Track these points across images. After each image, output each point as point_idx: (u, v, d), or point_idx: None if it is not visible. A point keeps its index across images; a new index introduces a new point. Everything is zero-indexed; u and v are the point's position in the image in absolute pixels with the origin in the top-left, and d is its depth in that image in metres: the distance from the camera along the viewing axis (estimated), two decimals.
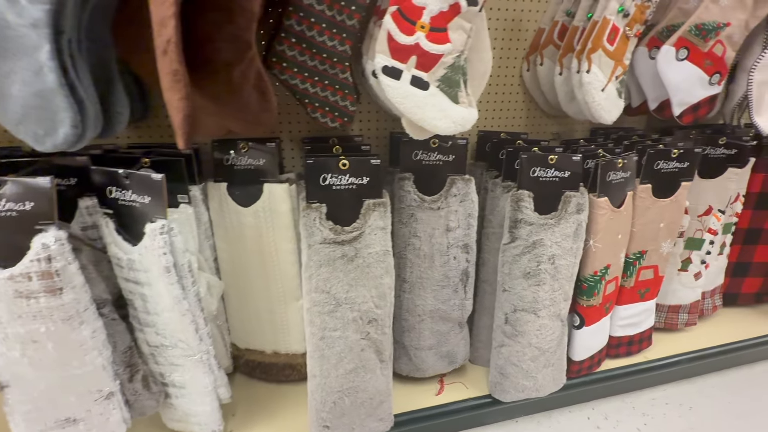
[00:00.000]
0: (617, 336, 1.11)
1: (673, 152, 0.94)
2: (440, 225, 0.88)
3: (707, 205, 1.11)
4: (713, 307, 1.31)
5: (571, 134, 1.19)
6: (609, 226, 0.93)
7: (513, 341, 0.94)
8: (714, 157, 1.08)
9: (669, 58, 0.90)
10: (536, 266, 0.89)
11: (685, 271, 1.18)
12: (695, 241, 1.15)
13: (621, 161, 0.91)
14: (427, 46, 0.65)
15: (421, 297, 0.93)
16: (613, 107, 0.88)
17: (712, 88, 0.94)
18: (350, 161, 0.74)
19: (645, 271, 1.06)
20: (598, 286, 0.98)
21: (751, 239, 1.29)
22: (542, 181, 0.86)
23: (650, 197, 0.99)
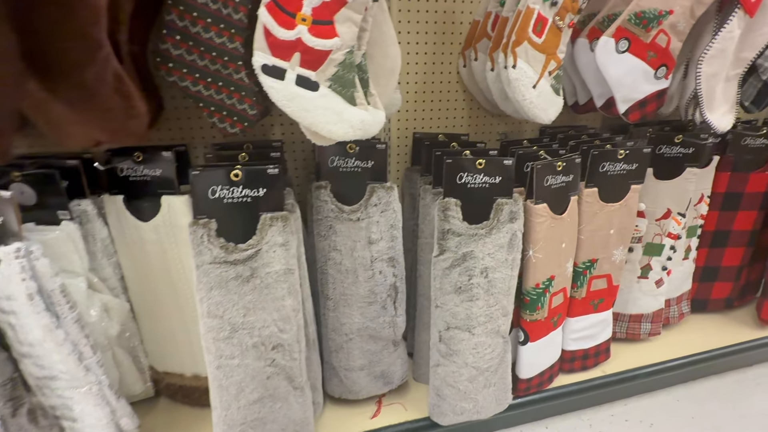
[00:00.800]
0: (570, 350, 1.04)
1: (620, 153, 0.87)
2: (361, 237, 0.81)
3: (665, 208, 1.04)
4: (680, 314, 1.23)
5: (520, 134, 1.12)
6: (550, 235, 0.86)
7: (448, 361, 0.87)
8: (670, 156, 1.00)
9: (608, 51, 0.83)
10: (468, 280, 0.81)
11: (645, 279, 1.11)
12: (654, 246, 1.07)
13: (560, 164, 0.84)
14: (310, 41, 0.58)
15: (347, 315, 0.86)
16: (549, 105, 0.81)
17: (659, 83, 0.86)
18: (244, 171, 0.67)
19: (597, 280, 0.99)
20: (542, 299, 0.91)
21: (719, 242, 1.22)
22: (471, 188, 0.79)
23: (597, 202, 0.91)
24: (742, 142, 1.12)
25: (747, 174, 1.14)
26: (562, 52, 0.78)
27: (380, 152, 0.77)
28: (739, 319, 1.29)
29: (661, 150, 0.99)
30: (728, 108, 0.88)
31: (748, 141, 1.12)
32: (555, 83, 0.79)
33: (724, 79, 0.86)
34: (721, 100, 0.86)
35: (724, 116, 0.87)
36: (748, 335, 1.23)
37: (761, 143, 1.11)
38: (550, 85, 0.79)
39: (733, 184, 1.15)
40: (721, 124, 0.86)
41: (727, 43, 0.81)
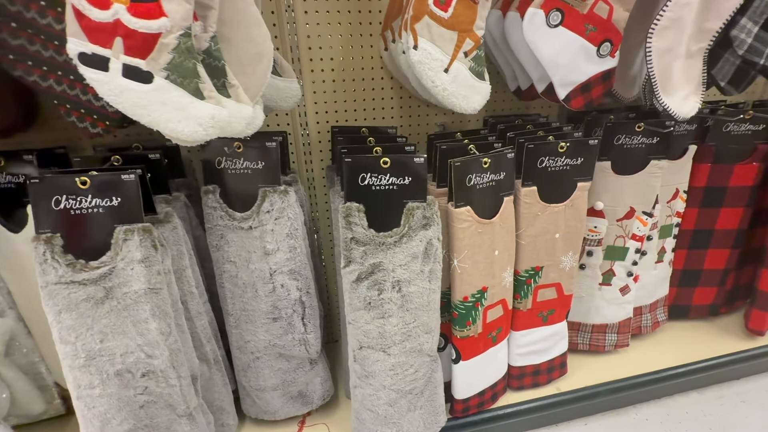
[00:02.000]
0: (519, 366, 0.93)
1: (561, 146, 0.75)
2: (256, 248, 0.72)
3: (628, 207, 0.91)
4: (654, 323, 1.11)
5: (462, 125, 1.00)
6: (477, 242, 0.75)
7: (364, 383, 0.78)
8: (631, 148, 0.87)
9: (537, 25, 0.70)
10: (378, 295, 0.72)
11: (608, 286, 0.98)
12: (617, 249, 0.95)
13: (486, 160, 0.73)
14: (131, 22, 0.48)
15: (251, 332, 0.78)
16: (470, 92, 0.69)
17: (603, 61, 0.73)
18: (94, 178, 0.59)
19: (544, 290, 0.88)
20: (473, 313, 0.80)
21: (700, 243, 1.08)
22: (377, 191, 0.69)
23: (537, 202, 0.80)
24: (724, 129, 0.97)
25: (731, 165, 1.00)
26: (480, 28, 0.66)
27: (270, 151, 0.67)
28: (725, 327, 1.16)
29: (619, 141, 0.86)
30: (691, 90, 0.74)
31: (731, 128, 0.97)
32: (475, 66, 0.68)
33: (684, 56, 0.72)
34: (680, 81, 0.73)
35: (686, 100, 0.73)
36: (734, 346, 1.09)
37: (746, 130, 0.97)
38: (469, 68, 0.67)
39: (714, 177, 1.01)
40: (683, 109, 0.73)
41: (681, 11, 0.67)
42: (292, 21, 0.79)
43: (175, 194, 0.72)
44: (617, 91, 0.87)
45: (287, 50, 0.81)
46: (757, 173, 0.99)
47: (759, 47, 0.75)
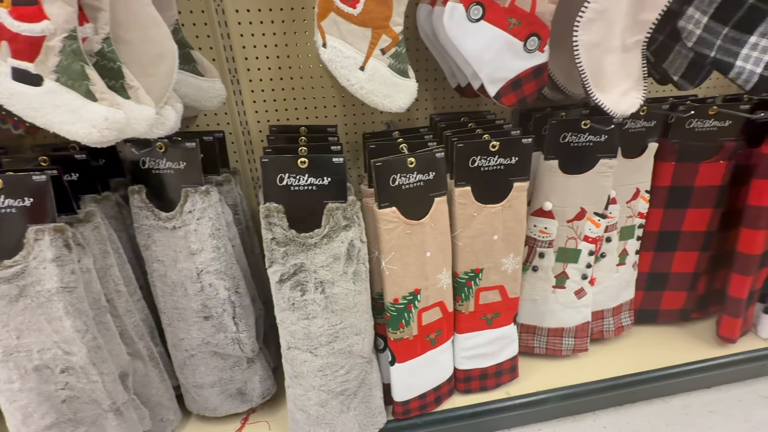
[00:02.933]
0: (464, 369, 0.91)
1: (492, 145, 0.72)
2: (182, 247, 0.72)
3: (578, 208, 0.87)
4: (617, 327, 1.06)
5: (410, 122, 0.98)
6: (406, 243, 0.74)
7: (295, 383, 0.78)
8: (579, 146, 0.83)
9: (458, 20, 0.66)
10: (301, 296, 0.71)
11: (562, 288, 0.95)
12: (568, 252, 0.91)
13: (412, 160, 0.71)
14: (14, 26, 0.49)
15: (184, 330, 0.79)
16: (392, 90, 0.67)
17: (531, 57, 0.69)
18: (5, 179, 0.60)
19: (486, 293, 0.85)
20: (406, 315, 0.79)
21: (666, 245, 1.03)
22: (295, 191, 0.68)
23: (472, 203, 0.77)
24: (688, 125, 0.92)
25: (696, 164, 0.94)
26: (397, 24, 0.64)
27: (191, 152, 0.68)
28: (696, 333, 1.10)
29: (566, 139, 0.82)
30: (630, 85, 0.70)
31: (695, 124, 0.92)
32: (396, 63, 0.66)
33: (619, 49, 0.68)
34: (616, 76, 0.68)
35: (624, 96, 0.69)
36: (704, 353, 1.04)
37: (711, 126, 0.91)
38: (388, 66, 0.65)
39: (679, 176, 0.96)
40: (620, 106, 0.69)
41: (608, 2, 0.62)
42: (224, 21, 0.79)
43: (105, 194, 0.73)
44: (566, 88, 0.83)
45: (220, 50, 0.81)
46: (724, 172, 0.93)
47: (709, 39, 0.71)
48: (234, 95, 0.85)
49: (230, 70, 0.82)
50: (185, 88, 0.69)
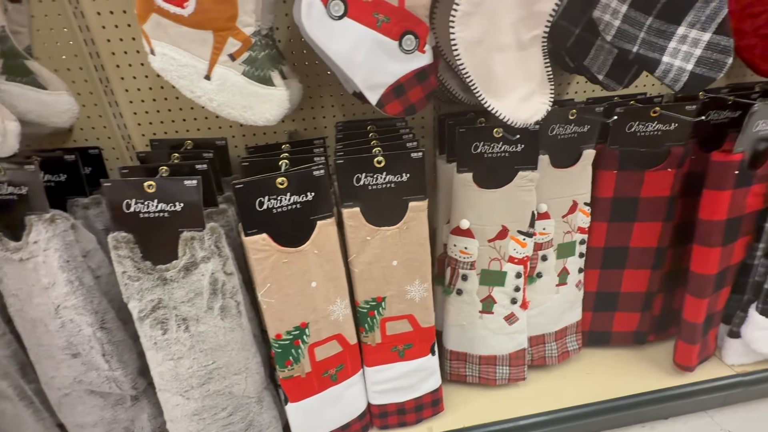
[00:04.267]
0: (378, 404, 0.82)
1: (377, 161, 0.63)
2: (34, 281, 0.64)
3: (499, 226, 0.77)
4: (561, 353, 0.96)
5: (318, 131, 0.88)
6: (284, 273, 0.65)
7: (172, 428, 0.70)
8: (493, 157, 0.73)
9: (318, 17, 0.56)
10: (162, 335, 0.64)
11: (490, 313, 0.85)
12: (492, 274, 0.82)
13: (283, 180, 0.62)
14: None
15: (53, 367, 0.71)
16: (251, 101, 0.57)
17: (411, 58, 0.59)
18: None
19: (393, 323, 0.76)
20: (294, 351, 0.70)
21: (613, 262, 0.92)
22: (145, 219, 0.60)
23: (364, 225, 0.68)
24: (628, 129, 0.81)
25: (641, 173, 0.83)
26: (248, 25, 0.55)
27: (31, 175, 0.60)
28: (652, 358, 0.99)
29: (477, 149, 0.72)
30: (534, 88, 0.59)
31: (637, 128, 0.81)
32: (253, 69, 0.57)
33: (513, 47, 0.57)
34: (512, 79, 0.58)
35: (526, 101, 0.58)
36: (659, 381, 0.93)
37: (655, 130, 0.80)
38: (242, 74, 0.56)
39: (622, 186, 0.85)
40: (520, 114, 0.58)
41: None
42: (85, 26, 0.71)
43: None
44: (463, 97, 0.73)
45: (86, 58, 0.73)
46: (673, 181, 0.82)
47: (630, 31, 0.60)
48: (110, 107, 0.77)
49: (101, 79, 0.75)
50: (25, 104, 0.62)
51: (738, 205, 0.78)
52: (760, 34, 0.84)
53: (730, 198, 0.76)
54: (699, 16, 0.58)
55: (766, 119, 0.72)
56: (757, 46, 0.85)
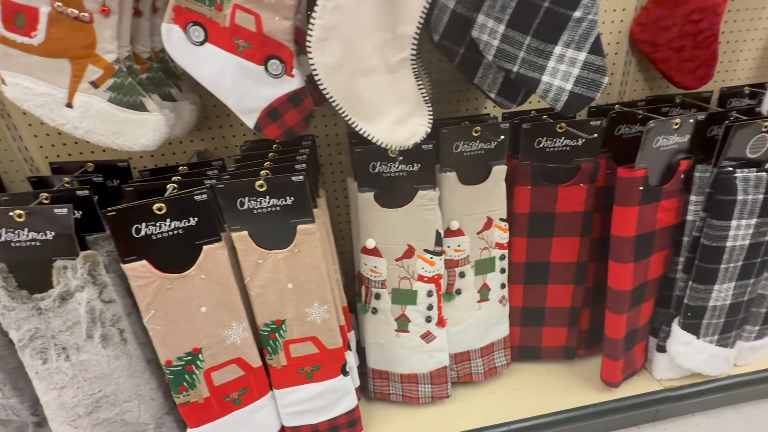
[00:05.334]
0: (292, 426, 0.80)
1: (259, 184, 0.62)
2: None
3: (405, 245, 0.76)
4: (489, 369, 0.94)
5: (230, 150, 0.88)
6: (170, 299, 0.64)
7: None
8: (391, 176, 0.72)
9: (179, 43, 0.55)
10: (43, 364, 0.62)
11: (406, 332, 0.84)
12: (403, 292, 0.80)
13: (161, 206, 0.61)
14: None
15: None
16: (122, 126, 0.56)
17: (280, 83, 0.57)
18: None
19: (296, 345, 0.75)
20: (189, 377, 0.69)
21: (536, 277, 0.91)
22: (17, 247, 0.59)
23: (255, 249, 0.67)
24: (536, 144, 0.80)
25: (554, 188, 0.82)
26: (109, 52, 0.54)
27: None
28: (582, 373, 0.97)
29: (376, 169, 0.71)
30: (408, 110, 0.58)
31: (545, 143, 0.80)
32: (121, 96, 0.56)
33: (383, 70, 0.56)
34: (383, 102, 0.56)
35: (401, 124, 0.57)
36: (587, 397, 0.92)
37: (563, 146, 0.79)
38: (108, 101, 0.56)
39: (537, 201, 0.84)
40: (394, 136, 0.56)
41: (334, 17, 0.51)
42: None
43: None
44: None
45: None
46: (586, 196, 0.81)
47: (510, 51, 0.59)
48: (8, 130, 0.76)
49: None
50: None
51: (647, 221, 0.77)
52: (673, 47, 0.83)
53: (638, 214, 0.75)
54: (573, 35, 0.57)
55: (667, 134, 0.72)
56: (672, 58, 0.84)
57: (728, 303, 0.82)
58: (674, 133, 0.72)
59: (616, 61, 0.93)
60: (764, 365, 0.96)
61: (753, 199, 0.73)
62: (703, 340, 0.86)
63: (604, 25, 0.89)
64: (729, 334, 0.87)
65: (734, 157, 0.75)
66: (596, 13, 0.55)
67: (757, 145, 0.74)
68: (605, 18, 0.87)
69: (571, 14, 0.55)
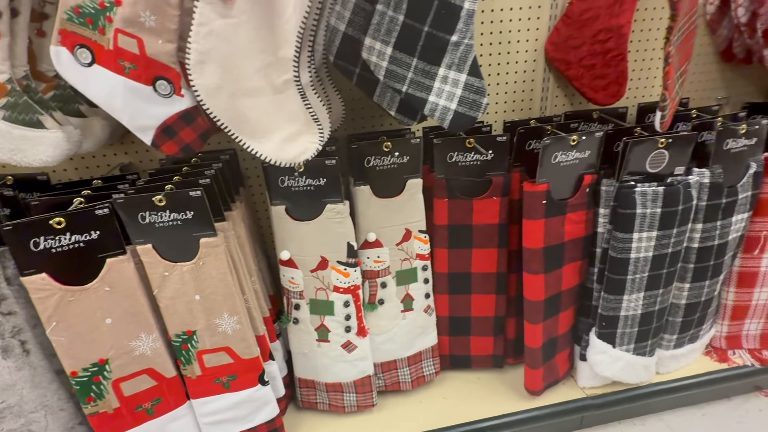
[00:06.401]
0: None
1: (158, 200, 0.64)
2: None
3: (318, 257, 0.78)
4: (417, 378, 0.96)
5: (154, 164, 0.89)
6: (73, 311, 0.65)
7: None
8: (300, 191, 0.74)
9: (69, 65, 0.56)
10: None
11: (326, 342, 0.85)
12: (320, 303, 0.82)
13: (60, 220, 0.63)
14: None
15: None
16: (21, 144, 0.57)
17: (171, 102, 0.59)
18: None
19: (209, 355, 0.76)
20: (96, 387, 0.70)
21: (460, 287, 0.93)
22: None
23: (160, 261, 0.68)
24: (449, 159, 0.83)
25: (469, 201, 0.85)
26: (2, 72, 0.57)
27: None
28: (511, 382, 0.98)
29: (284, 183, 0.73)
30: (298, 129, 0.60)
31: (457, 158, 0.82)
32: (17, 114, 0.56)
33: (269, 91, 0.57)
34: (271, 121, 0.58)
35: (290, 142, 0.58)
36: (513, 405, 0.93)
37: (474, 160, 0.82)
38: (2, 118, 0.58)
39: (455, 214, 0.86)
40: (284, 154, 0.58)
41: (208, 42, 0.53)
42: None
43: None
44: None
45: None
46: (499, 209, 0.84)
47: (399, 72, 0.62)
48: None
49: None
50: None
51: (555, 233, 0.79)
52: (584, 65, 0.86)
53: (544, 226, 0.77)
54: (453, 58, 0.60)
55: (565, 151, 0.74)
56: (584, 76, 0.87)
57: (639, 313, 0.85)
58: (573, 149, 0.75)
59: (534, 78, 0.96)
60: (685, 373, 0.99)
61: (651, 213, 0.76)
62: (619, 348, 0.88)
63: (520, 43, 0.92)
64: (645, 343, 0.90)
65: (636, 171, 0.79)
66: (471, 38, 0.58)
67: (656, 160, 0.77)
68: (521, 37, 0.91)
69: (449, 38, 0.58)
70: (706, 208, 0.80)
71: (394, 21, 0.59)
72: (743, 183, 0.82)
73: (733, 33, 0.95)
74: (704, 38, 1.01)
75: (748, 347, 1.00)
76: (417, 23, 0.58)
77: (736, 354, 1.00)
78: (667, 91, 0.66)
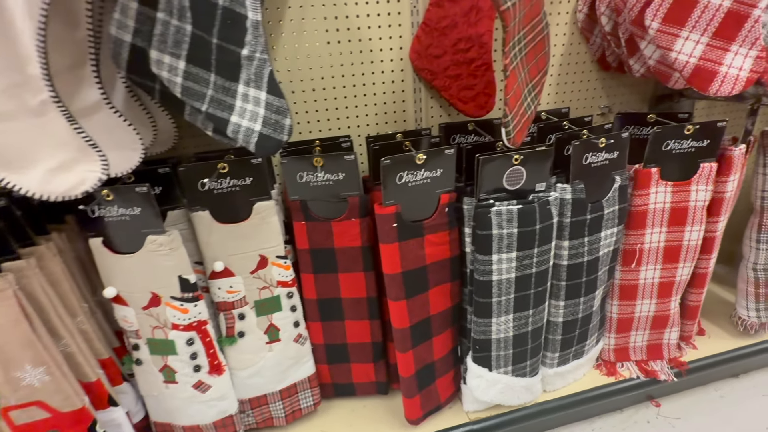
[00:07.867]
0: None
1: None
2: None
3: (149, 293, 0.71)
4: (292, 411, 0.88)
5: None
6: None
7: None
8: (114, 221, 0.65)
9: None
10: None
11: (174, 383, 0.78)
12: (159, 343, 0.74)
13: None
14: None
15: None
16: None
17: None
18: None
19: (18, 412, 0.63)
20: None
21: (331, 314, 0.87)
22: None
23: None
24: (299, 179, 0.76)
25: (327, 223, 0.79)
26: None
27: None
28: (396, 409, 0.92)
29: (95, 213, 0.65)
30: (73, 156, 0.51)
31: (307, 178, 0.76)
32: None
33: (25, 115, 0.48)
34: (31, 149, 0.50)
35: (64, 172, 0.49)
36: None
37: (326, 180, 0.76)
38: None
39: (315, 237, 0.79)
40: (54, 186, 0.49)
41: None
42: None
43: None
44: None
45: None
46: (359, 231, 0.78)
47: (197, 89, 0.54)
48: None
49: None
50: None
51: (413, 257, 0.74)
52: (449, 75, 0.81)
53: (399, 250, 0.72)
54: (249, 74, 0.53)
55: (411, 170, 0.69)
56: (451, 86, 0.83)
57: (511, 335, 0.81)
58: (421, 168, 0.70)
59: (404, 89, 0.90)
60: (574, 389, 0.98)
61: (508, 233, 0.72)
62: (496, 372, 0.84)
63: (383, 52, 0.86)
64: (524, 364, 0.86)
65: (497, 188, 0.75)
66: (263, 52, 0.52)
67: (513, 177, 0.73)
68: (383, 45, 0.85)
69: (240, 52, 0.52)
70: (570, 225, 0.77)
71: (181, 31, 0.52)
72: (609, 198, 0.80)
73: (603, 41, 0.94)
74: (581, 46, 0.99)
75: (636, 359, 1.00)
76: (205, 34, 0.51)
77: (624, 366, 0.99)
78: (507, 107, 0.62)
